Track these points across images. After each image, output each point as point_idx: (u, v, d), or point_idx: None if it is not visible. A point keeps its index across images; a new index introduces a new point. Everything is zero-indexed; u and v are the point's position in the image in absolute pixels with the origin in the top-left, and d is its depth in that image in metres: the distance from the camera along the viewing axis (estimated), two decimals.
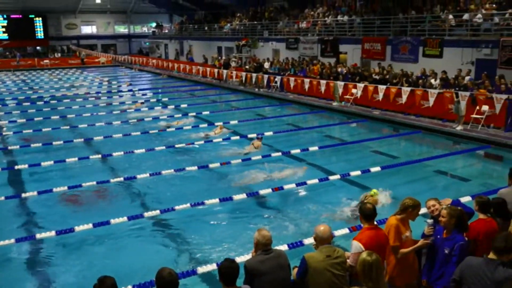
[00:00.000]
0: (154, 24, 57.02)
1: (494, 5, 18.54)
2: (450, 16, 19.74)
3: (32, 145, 14.35)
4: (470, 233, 5.16)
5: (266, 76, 25.28)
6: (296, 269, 4.65)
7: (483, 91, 15.49)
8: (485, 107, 14.94)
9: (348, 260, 4.68)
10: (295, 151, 13.23)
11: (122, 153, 13.19)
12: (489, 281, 4.18)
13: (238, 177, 11.28)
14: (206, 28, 41.88)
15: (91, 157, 13.04)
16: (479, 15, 18.60)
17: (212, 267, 6.63)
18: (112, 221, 8.44)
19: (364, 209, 4.95)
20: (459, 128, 15.10)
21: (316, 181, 10.55)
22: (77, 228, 8.17)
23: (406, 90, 17.38)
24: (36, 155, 13.26)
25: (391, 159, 12.54)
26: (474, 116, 15.17)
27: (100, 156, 13.17)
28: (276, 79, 24.33)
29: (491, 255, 4.29)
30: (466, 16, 19.06)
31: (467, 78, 17.08)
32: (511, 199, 5.75)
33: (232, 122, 17.66)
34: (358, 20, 24.87)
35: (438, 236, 5.11)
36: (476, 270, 4.29)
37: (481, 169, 12.15)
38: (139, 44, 58.49)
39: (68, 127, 17.37)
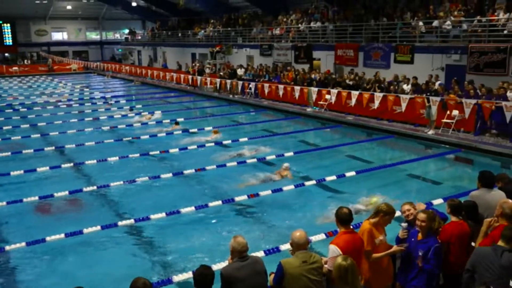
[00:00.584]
0: (127, 31, 56.49)
1: (462, 12, 19.03)
2: (420, 23, 20.18)
3: (0, 154, 13.97)
4: (443, 235, 5.24)
5: (240, 82, 25.31)
6: (272, 275, 4.64)
7: (453, 96, 15.85)
8: (455, 112, 15.28)
9: (325, 265, 4.69)
10: (270, 157, 13.25)
11: (95, 161, 12.97)
12: (496, 266, 4.48)
13: (214, 184, 11.24)
14: (179, 34, 41.72)
15: (63, 165, 12.78)
16: (448, 22, 19.06)
17: (188, 275, 6.55)
18: (85, 230, 8.28)
19: (340, 213, 4.96)
20: (430, 132, 15.39)
21: (292, 187, 10.58)
22: (48, 239, 7.97)
23: (378, 95, 17.64)
24: (5, 164, 12.91)
25: (366, 164, 12.68)
26: (444, 120, 15.50)
27: (72, 164, 12.92)
28: (250, 86, 24.38)
29: (500, 243, 4.60)
30: (435, 23, 19.51)
31: (437, 83, 17.46)
32: (481, 202, 5.87)
33: (207, 129, 17.61)
34: (331, 27, 25.17)
35: (412, 239, 5.16)
36: (485, 258, 4.60)
37: (452, 172, 12.41)
38: (111, 51, 57.77)
39: (38, 135, 16.99)
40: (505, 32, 16.77)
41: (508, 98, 14.49)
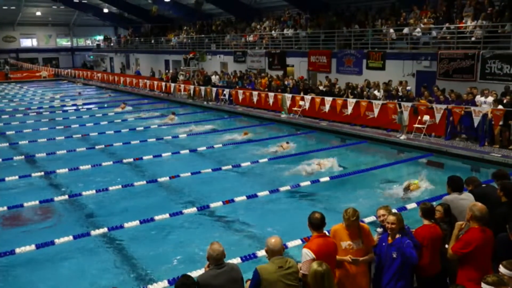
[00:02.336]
0: (99, 37, 55.80)
1: (431, 20, 19.47)
2: (391, 30, 20.56)
3: None
4: (416, 238, 5.30)
5: (214, 89, 25.26)
6: (249, 282, 4.61)
7: (423, 101, 16.17)
8: (426, 117, 15.58)
9: (300, 270, 4.69)
10: (245, 164, 13.24)
11: (66, 170, 12.71)
12: None
13: (188, 191, 11.16)
14: (152, 41, 41.42)
15: (33, 174, 12.48)
16: (418, 29, 19.49)
17: (163, 284, 6.47)
18: (57, 241, 8.08)
19: (312, 218, 4.97)
20: (402, 137, 15.65)
21: (266, 193, 10.58)
22: (18, 250, 7.75)
23: (351, 101, 17.85)
24: None
25: (340, 169, 12.78)
26: (416, 125, 15.79)
27: (43, 173, 12.63)
28: (224, 92, 24.36)
29: None
30: (406, 30, 19.91)
31: (408, 88, 17.78)
32: (454, 206, 5.98)
33: (181, 136, 17.50)
34: (303, 34, 25.39)
35: (384, 244, 5.21)
36: (504, 243, 4.95)
37: (424, 176, 12.59)
38: (83, 58, 56.94)
39: (7, 144, 16.58)
40: (473, 39, 17.24)
41: (476, 103, 14.88)
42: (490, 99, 14.62)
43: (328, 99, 18.58)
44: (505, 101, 14.27)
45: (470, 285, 4.82)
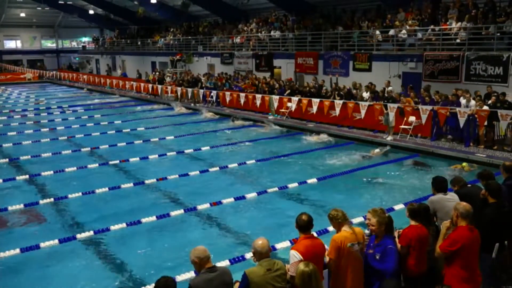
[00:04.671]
0: (84, 39, 55.33)
1: (416, 22, 19.65)
2: (377, 32, 20.70)
3: None
4: (403, 239, 5.33)
5: (202, 91, 25.19)
6: (237, 284, 4.59)
7: (409, 99, 16.26)
8: (412, 118, 15.70)
9: (288, 272, 4.68)
10: (233, 165, 13.22)
11: (51, 172, 12.57)
12: None
13: (175, 193, 11.10)
14: (139, 43, 41.20)
15: (17, 178, 12.32)
16: (404, 31, 19.65)
17: (150, 287, 6.41)
18: (42, 244, 7.99)
19: (299, 220, 4.96)
20: (389, 138, 15.75)
21: (254, 194, 10.57)
22: (2, 254, 7.64)
23: (338, 103, 17.93)
24: None
25: (327, 171, 12.81)
26: (402, 126, 15.90)
27: (27, 176, 12.46)
28: (212, 94, 24.30)
29: None
30: (391, 32, 20.06)
31: (389, 89, 17.90)
32: (440, 206, 6.03)
33: (168, 138, 17.42)
34: (290, 36, 25.46)
35: (371, 244, 5.24)
36: None
37: (411, 177, 12.68)
38: (68, 59, 56.39)
39: None
40: (458, 40, 17.43)
41: (461, 104, 15.03)
42: (473, 102, 14.77)
43: (316, 101, 18.64)
44: (489, 102, 14.45)
45: (457, 284, 4.86)
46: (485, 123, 13.97)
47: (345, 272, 4.97)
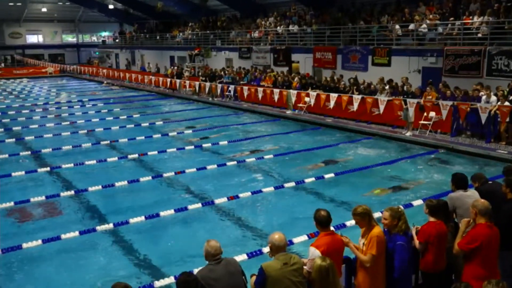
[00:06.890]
0: (104, 33, 55.82)
1: (437, 16, 19.37)
2: (397, 26, 20.46)
3: None
4: (421, 235, 5.31)
5: (219, 85, 25.26)
6: (254, 277, 4.62)
7: (433, 93, 16.03)
8: (432, 114, 15.51)
9: (305, 267, 4.70)
10: (250, 160, 13.26)
11: (72, 165, 12.76)
12: None
13: (194, 187, 11.18)
14: (158, 37, 41.44)
15: (39, 170, 12.54)
16: (424, 25, 19.39)
17: (169, 280, 6.49)
18: (63, 236, 8.13)
19: (318, 216, 4.96)
20: (408, 134, 15.60)
21: (271, 189, 10.59)
22: (25, 245, 7.80)
23: (357, 98, 17.80)
24: None
25: (345, 165, 12.76)
26: (422, 122, 15.73)
27: (49, 168, 12.68)
28: (230, 88, 24.35)
29: None
30: (411, 26, 19.82)
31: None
32: (460, 203, 5.95)
33: (187, 132, 17.53)
34: (309, 30, 25.32)
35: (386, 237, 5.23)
36: None
37: (431, 173, 12.56)
38: (88, 54, 57.02)
39: (13, 139, 16.67)
40: (479, 35, 17.14)
41: (481, 100, 14.79)
42: (493, 98, 14.53)
43: (334, 96, 18.54)
44: (511, 97, 14.19)
45: (476, 282, 4.82)
46: (507, 119, 13.74)
47: (382, 268, 5.07)
